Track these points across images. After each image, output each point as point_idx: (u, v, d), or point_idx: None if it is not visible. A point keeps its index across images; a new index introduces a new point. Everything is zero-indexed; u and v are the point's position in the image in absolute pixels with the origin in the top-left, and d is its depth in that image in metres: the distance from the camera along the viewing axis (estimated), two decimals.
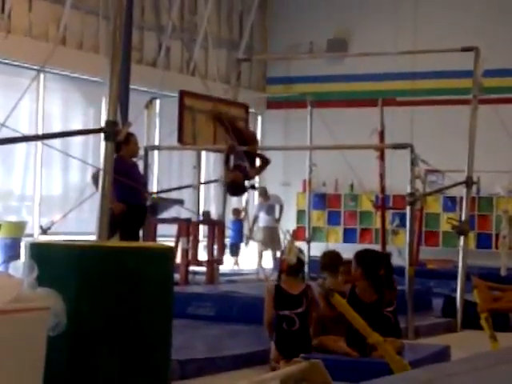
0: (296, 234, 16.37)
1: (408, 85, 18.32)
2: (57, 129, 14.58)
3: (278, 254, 15.24)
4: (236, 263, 16.76)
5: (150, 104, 13.38)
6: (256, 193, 18.20)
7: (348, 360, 6.00)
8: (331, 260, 6.98)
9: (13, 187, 14.57)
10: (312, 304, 6.27)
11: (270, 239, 16.10)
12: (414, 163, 9.08)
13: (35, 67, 13.48)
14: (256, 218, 16.33)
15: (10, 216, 14.21)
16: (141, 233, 9.89)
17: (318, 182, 16.69)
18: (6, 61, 13.94)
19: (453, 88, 17.47)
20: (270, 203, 16.59)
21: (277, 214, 16.49)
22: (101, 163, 5.65)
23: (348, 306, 5.69)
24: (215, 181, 13.31)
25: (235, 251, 16.73)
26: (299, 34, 19.27)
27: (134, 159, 9.87)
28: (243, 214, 15.93)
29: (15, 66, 14.02)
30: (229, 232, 16.28)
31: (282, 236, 14.53)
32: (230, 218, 16.33)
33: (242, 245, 16.82)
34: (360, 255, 6.41)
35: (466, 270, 9.59)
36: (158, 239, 11.43)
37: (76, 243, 5.00)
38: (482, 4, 17.85)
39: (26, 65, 13.92)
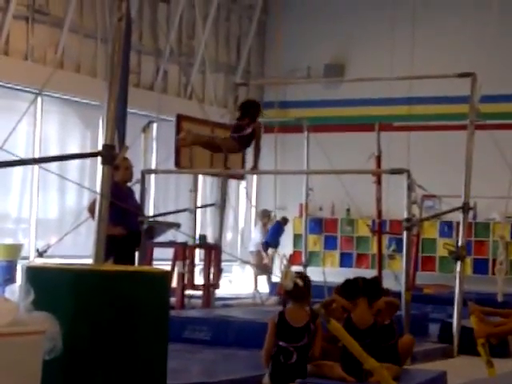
0: (292, 259, 16.36)
1: (405, 110, 18.37)
2: (54, 152, 14.59)
3: (274, 278, 15.23)
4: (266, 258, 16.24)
5: (147, 128, 13.40)
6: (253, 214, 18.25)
7: None
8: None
9: (9, 210, 14.56)
10: (317, 335, 6.15)
11: (262, 263, 16.14)
12: (410, 188, 9.09)
13: (33, 90, 13.51)
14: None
15: (6, 238, 14.18)
16: (136, 256, 9.88)
17: (314, 206, 16.68)
18: (4, 84, 13.96)
19: (449, 113, 17.52)
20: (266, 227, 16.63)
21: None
22: (97, 187, 5.65)
23: (344, 331, 5.68)
24: (212, 205, 13.29)
25: (265, 248, 16.30)
26: (296, 58, 19.34)
27: (129, 184, 9.83)
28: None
29: (13, 89, 14.05)
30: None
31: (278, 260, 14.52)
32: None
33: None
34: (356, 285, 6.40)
35: (463, 296, 9.58)
36: (154, 263, 11.40)
37: (72, 267, 4.99)
38: (479, 30, 17.94)
39: (23, 88, 13.95)
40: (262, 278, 16.21)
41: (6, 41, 13.95)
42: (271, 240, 16.28)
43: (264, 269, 15.91)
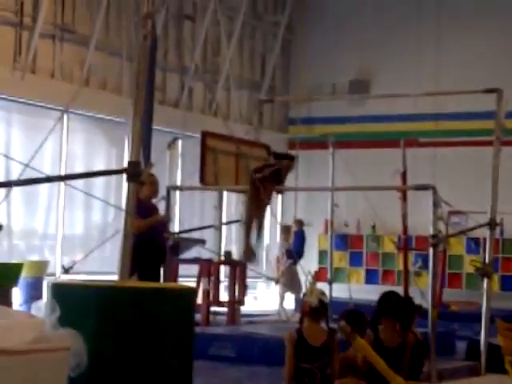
0: (318, 275, 16.29)
1: (430, 126, 18.31)
2: (80, 169, 14.67)
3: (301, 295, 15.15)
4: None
5: (172, 144, 13.43)
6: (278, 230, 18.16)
7: None
8: None
9: (36, 226, 14.63)
10: (335, 354, 6.08)
11: (291, 280, 15.96)
12: (436, 204, 9.03)
13: (59, 108, 13.60)
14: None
15: (33, 255, 14.25)
16: (162, 273, 9.88)
17: (339, 222, 16.64)
18: (31, 101, 14.07)
19: (475, 129, 17.44)
20: (291, 243, 16.51)
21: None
22: (123, 204, 5.66)
23: (370, 348, 5.64)
24: (237, 221, 13.29)
25: (288, 257, 16.08)
26: (321, 75, 19.35)
27: (154, 200, 9.85)
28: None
29: (39, 106, 14.15)
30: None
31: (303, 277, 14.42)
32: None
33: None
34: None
35: (490, 313, 9.49)
36: (180, 279, 11.41)
37: (97, 283, 5.00)
38: (504, 45, 17.87)
39: (50, 106, 14.04)
40: (289, 295, 16.14)
41: (33, 59, 14.07)
42: (295, 251, 16.18)
43: (293, 286, 15.79)
